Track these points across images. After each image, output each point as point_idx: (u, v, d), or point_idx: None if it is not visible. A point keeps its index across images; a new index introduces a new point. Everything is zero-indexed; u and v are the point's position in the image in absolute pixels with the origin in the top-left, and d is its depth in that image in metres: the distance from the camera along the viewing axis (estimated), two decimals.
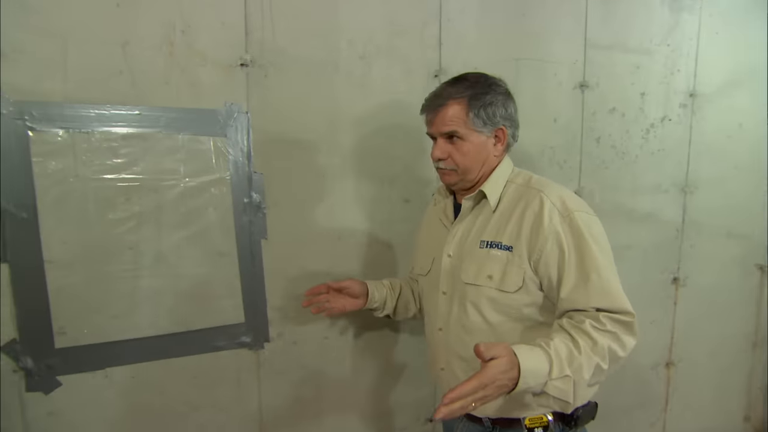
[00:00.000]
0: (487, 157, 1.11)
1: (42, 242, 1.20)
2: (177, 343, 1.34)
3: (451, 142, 1.10)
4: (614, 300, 0.99)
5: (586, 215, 1.05)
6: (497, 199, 1.12)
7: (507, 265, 1.06)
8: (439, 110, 1.09)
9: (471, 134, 1.09)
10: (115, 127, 1.24)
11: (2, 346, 1.19)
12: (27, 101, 1.16)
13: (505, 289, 1.06)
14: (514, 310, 1.07)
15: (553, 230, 1.02)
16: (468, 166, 1.11)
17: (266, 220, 1.40)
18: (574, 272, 1.01)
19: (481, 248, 1.10)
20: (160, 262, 1.30)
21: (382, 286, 1.36)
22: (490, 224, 1.11)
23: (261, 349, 1.44)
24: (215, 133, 1.33)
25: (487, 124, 1.08)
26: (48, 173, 1.19)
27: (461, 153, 1.10)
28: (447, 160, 1.11)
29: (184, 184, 1.31)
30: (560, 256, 1.02)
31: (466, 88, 1.08)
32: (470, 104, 1.07)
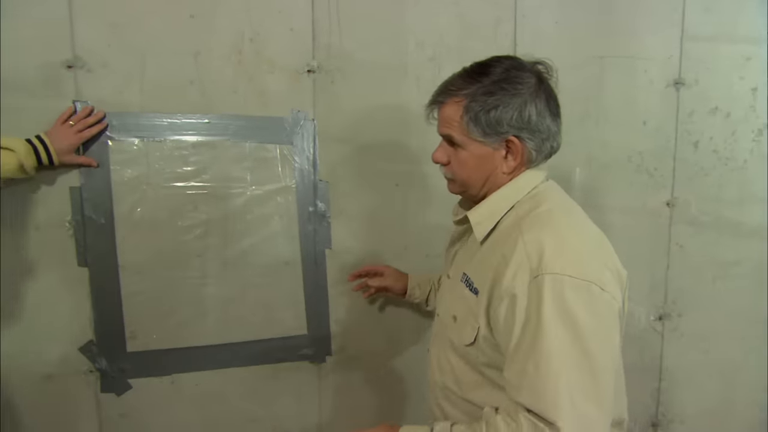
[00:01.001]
0: (492, 173, 0.90)
1: (117, 248, 1.28)
2: (239, 353, 1.38)
3: (453, 147, 0.92)
4: (544, 405, 0.75)
5: (570, 281, 0.77)
6: (487, 229, 0.90)
7: (468, 312, 0.90)
8: (440, 107, 0.92)
9: (469, 143, 0.88)
10: (186, 135, 1.31)
11: (80, 347, 1.28)
12: (108, 112, 1.25)
13: (461, 339, 0.91)
14: (473, 365, 0.92)
15: (510, 291, 0.80)
16: (465, 178, 0.92)
17: (331, 229, 1.41)
18: (513, 352, 0.80)
19: (460, 281, 0.94)
20: (225, 270, 1.35)
21: (427, 282, 1.32)
22: (476, 256, 0.93)
23: (323, 362, 1.45)
24: (281, 141, 1.36)
25: (489, 134, 0.86)
26: (124, 181, 1.28)
27: (459, 162, 0.91)
28: (447, 167, 0.94)
29: (250, 192, 1.35)
30: (506, 326, 0.81)
31: (470, 83, 0.87)
32: (468, 106, 0.86)
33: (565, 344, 0.76)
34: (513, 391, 0.80)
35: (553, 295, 0.77)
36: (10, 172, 1.12)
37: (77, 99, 1.23)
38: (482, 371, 0.90)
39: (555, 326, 0.76)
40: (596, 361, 0.77)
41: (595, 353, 0.76)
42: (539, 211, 0.87)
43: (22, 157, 1.12)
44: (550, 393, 0.75)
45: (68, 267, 1.26)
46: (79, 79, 1.23)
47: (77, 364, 1.28)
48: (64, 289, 1.26)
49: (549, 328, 0.76)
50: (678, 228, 1.61)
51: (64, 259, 1.25)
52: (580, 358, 0.76)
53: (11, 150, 1.12)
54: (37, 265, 1.24)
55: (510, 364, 0.81)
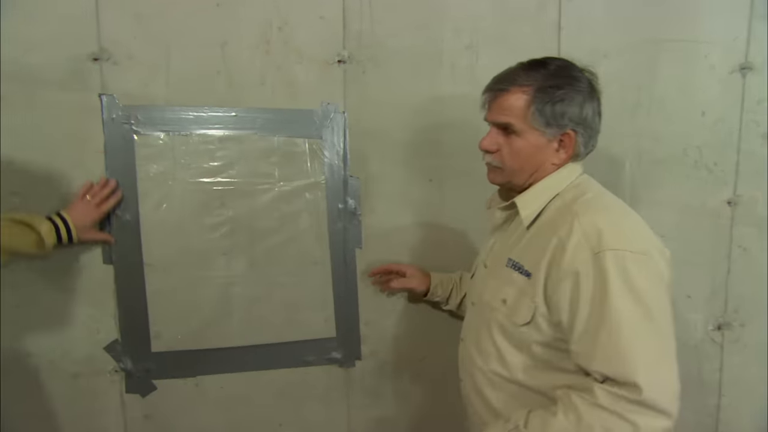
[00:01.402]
0: (542, 164, 0.97)
1: (143, 245, 1.26)
2: (266, 355, 1.35)
3: (505, 135, 0.97)
4: (621, 367, 0.81)
5: (631, 255, 0.85)
6: (533, 214, 0.96)
7: (521, 294, 0.94)
8: (500, 95, 0.96)
9: (528, 132, 0.94)
10: (213, 129, 1.28)
11: (105, 346, 1.27)
12: (133, 105, 1.23)
13: (514, 319, 0.95)
14: (525, 345, 0.95)
15: (572, 269, 0.86)
16: (516, 167, 0.97)
17: (361, 227, 1.36)
18: (583, 323, 0.86)
19: (506, 266, 0.99)
20: (251, 269, 1.32)
21: (449, 281, 1.32)
22: (522, 242, 0.98)
23: (352, 366, 1.40)
24: (311, 135, 1.32)
25: (551, 125, 0.93)
26: (150, 176, 1.26)
27: (512, 151, 0.96)
28: (495, 155, 0.98)
29: (278, 188, 1.31)
30: (573, 300, 0.87)
31: (538, 75, 0.93)
32: (536, 96, 0.92)
33: (633, 311, 0.82)
34: (585, 360, 0.85)
35: (617, 269, 0.83)
36: (27, 249, 1.10)
37: (103, 92, 1.21)
38: (533, 351, 0.94)
39: (622, 296, 0.83)
40: (661, 325, 0.84)
41: (659, 318, 0.84)
42: (587, 198, 0.94)
43: (43, 235, 1.10)
44: (625, 356, 0.81)
45: (93, 265, 1.25)
46: (105, 71, 1.21)
47: (103, 364, 1.27)
48: (89, 286, 1.25)
49: (617, 298, 0.82)
50: (741, 229, 1.48)
51: (89, 256, 1.24)
52: (648, 323, 0.83)
53: (32, 227, 1.10)
54: (63, 262, 1.23)
55: (581, 336, 0.86)
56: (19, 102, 1.18)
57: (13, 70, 1.17)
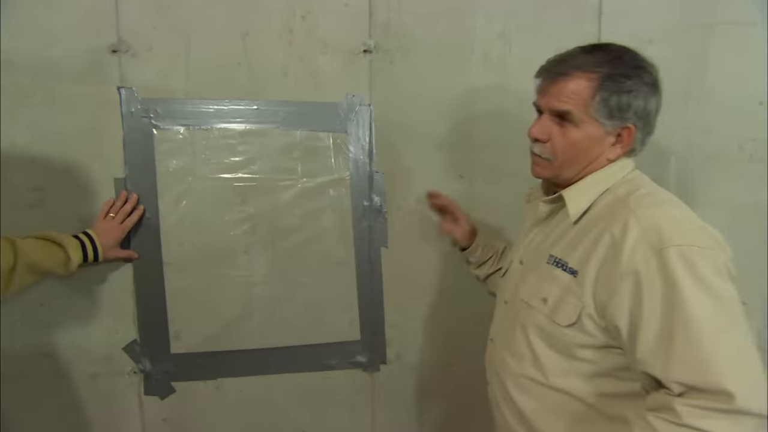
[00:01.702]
0: (597, 158, 0.89)
1: (162, 242, 1.23)
2: (288, 358, 1.31)
3: (559, 124, 0.88)
4: (707, 374, 0.72)
5: (699, 250, 0.77)
6: (582, 209, 0.89)
7: (565, 292, 0.87)
8: (559, 79, 0.87)
9: (587, 123, 0.86)
10: (233, 123, 1.24)
11: (124, 346, 1.24)
12: (152, 98, 1.20)
13: (556, 319, 0.87)
14: (565, 347, 0.88)
15: (632, 269, 0.78)
16: (568, 160, 0.90)
17: (387, 225, 1.31)
18: (653, 328, 0.77)
19: (547, 263, 0.92)
20: (273, 269, 1.27)
21: (491, 248, 1.24)
22: (567, 237, 0.91)
23: (377, 371, 1.35)
24: (335, 129, 1.27)
25: (614, 117, 0.86)
26: (169, 171, 1.22)
27: (566, 142, 0.88)
28: (546, 145, 0.90)
29: (301, 184, 1.27)
30: (635, 303, 0.78)
31: (604, 61, 0.85)
32: (603, 85, 0.84)
33: (710, 310, 0.75)
34: (659, 370, 0.76)
35: (685, 265, 0.76)
36: (55, 267, 1.08)
37: (122, 85, 1.18)
38: (575, 355, 0.87)
39: (696, 294, 0.75)
40: (741, 323, 0.76)
41: (738, 316, 0.77)
42: (641, 193, 0.87)
43: (71, 253, 1.09)
44: (710, 361, 0.73)
45: (112, 263, 1.21)
46: (124, 64, 1.18)
47: (121, 364, 1.25)
48: (108, 285, 1.22)
49: (690, 297, 0.75)
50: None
51: None
52: (728, 321, 0.75)
53: (60, 245, 1.08)
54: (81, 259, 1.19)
55: (651, 343, 0.77)
56: (38, 96, 1.15)
57: (33, 64, 1.15)
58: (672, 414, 0.73)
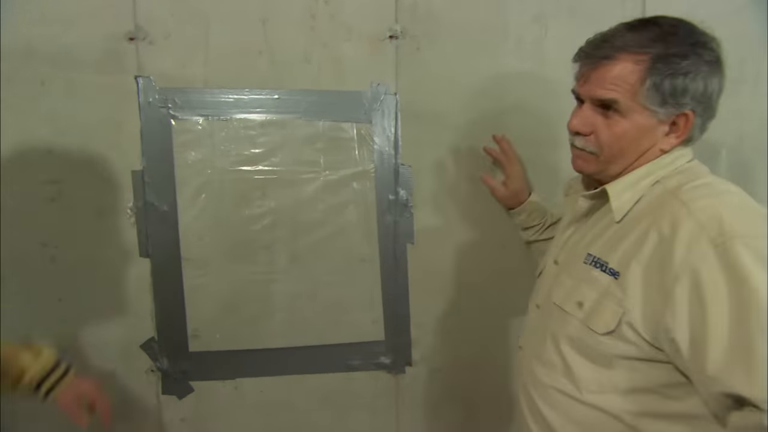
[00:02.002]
0: (648, 149, 0.80)
1: (180, 237, 1.19)
2: (309, 359, 1.26)
3: (603, 115, 0.79)
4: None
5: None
6: (628, 206, 0.80)
7: (604, 296, 0.78)
8: (602, 64, 0.77)
9: (636, 111, 0.76)
10: (254, 113, 1.19)
11: (142, 344, 1.21)
12: (170, 88, 1.16)
13: (591, 326, 0.78)
14: (602, 358, 0.78)
15: (688, 266, 0.68)
16: (615, 154, 0.80)
17: (414, 221, 1.25)
18: (723, 337, 0.66)
19: (584, 263, 0.83)
20: (294, 265, 1.23)
21: (540, 214, 1.18)
22: (606, 235, 0.82)
23: (401, 373, 1.29)
24: (359, 119, 1.21)
25: (667, 104, 0.75)
26: (188, 164, 1.18)
27: (612, 134, 0.79)
28: (588, 138, 0.81)
29: (323, 177, 1.21)
30: (695, 309, 0.68)
31: (655, 39, 0.74)
32: (653, 68, 0.74)
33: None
34: (738, 385, 0.65)
35: (755, 259, 0.66)
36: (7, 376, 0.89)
37: (139, 74, 1.14)
38: (612, 366, 0.77)
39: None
40: None
41: None
42: (697, 184, 0.77)
43: (41, 362, 0.92)
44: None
45: (130, 257, 1.19)
46: (141, 52, 1.14)
47: (139, 363, 1.22)
48: (125, 280, 1.19)
49: (763, 295, 0.64)
50: None
51: (125, 248, 1.18)
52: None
53: (36, 353, 0.93)
54: (99, 253, 1.18)
55: (720, 353, 0.66)
56: (57, 86, 1.12)
57: (51, 52, 1.11)
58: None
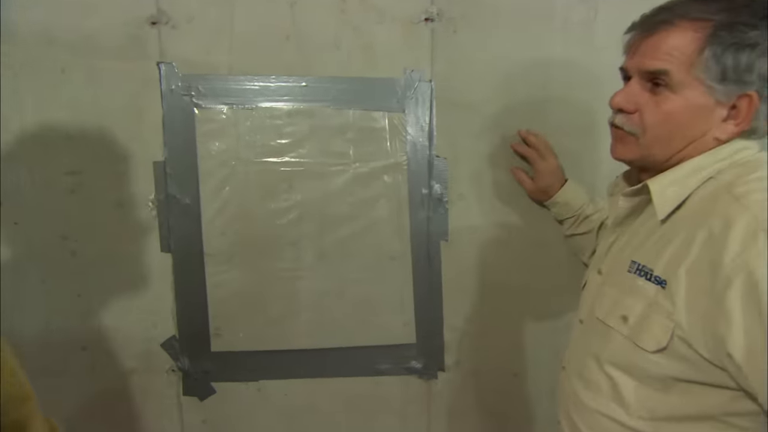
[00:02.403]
0: (700, 137, 0.69)
1: (203, 232, 1.14)
2: (336, 361, 1.20)
3: (652, 91, 0.70)
4: None
5: None
6: (673, 201, 0.70)
7: (651, 308, 0.69)
8: (659, 30, 0.68)
9: (690, 86, 0.67)
10: (280, 101, 1.13)
11: (162, 342, 1.16)
12: (194, 75, 1.11)
13: (640, 343, 0.69)
14: (654, 380, 0.69)
15: (743, 266, 0.59)
16: (660, 136, 0.70)
17: (448, 217, 1.17)
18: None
19: (628, 272, 0.74)
20: (321, 263, 1.17)
21: (569, 209, 1.09)
22: (651, 239, 0.73)
23: (433, 378, 1.22)
24: (391, 108, 1.14)
25: (728, 80, 0.66)
26: (211, 155, 1.13)
27: (659, 112, 0.69)
28: (631, 117, 0.72)
29: (353, 170, 1.15)
30: (753, 317, 0.58)
31: (721, 7, 0.66)
32: (714, 35, 0.65)
33: None
34: None
35: None
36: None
37: (162, 60, 1.09)
38: (667, 390, 0.68)
39: None
40: None
41: None
42: (752, 177, 0.66)
43: None
44: None
45: (151, 252, 1.14)
46: (164, 37, 1.09)
47: (159, 362, 1.17)
48: (146, 277, 1.15)
49: None
50: None
51: (146, 243, 1.14)
52: None
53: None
54: (119, 248, 1.13)
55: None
56: (78, 73, 1.08)
57: (72, 39, 1.07)
58: None
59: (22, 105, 1.08)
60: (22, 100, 1.07)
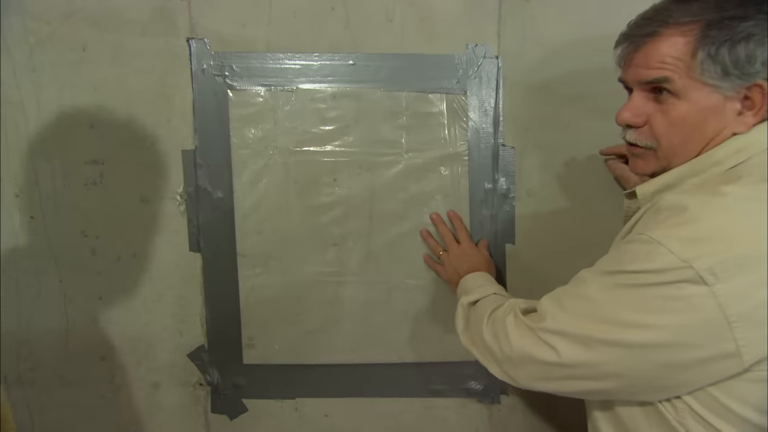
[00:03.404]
0: (718, 134, 0.66)
1: (237, 229, 1.03)
2: (383, 379, 1.07)
3: (656, 100, 0.68)
4: None
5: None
6: (643, 195, 0.72)
7: None
8: (645, 42, 0.67)
9: (695, 89, 0.65)
10: (324, 82, 1.00)
11: (190, 352, 1.05)
12: (227, 52, 0.99)
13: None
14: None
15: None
16: (676, 144, 0.68)
17: (515, 216, 1.03)
18: None
19: None
20: (368, 266, 1.04)
21: None
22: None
23: (495, 403, 1.07)
24: (450, 90, 1.00)
25: (731, 75, 0.63)
26: (247, 143, 1.01)
27: (669, 121, 0.67)
28: (642, 130, 0.70)
29: (405, 161, 1.02)
30: None
31: (704, 7, 0.64)
32: (704, 36, 0.63)
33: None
34: None
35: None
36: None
37: (192, 36, 0.98)
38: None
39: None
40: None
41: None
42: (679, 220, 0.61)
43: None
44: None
45: (178, 252, 1.03)
46: (194, 10, 0.98)
47: (185, 374, 1.06)
48: (172, 279, 1.04)
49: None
50: None
51: (173, 241, 1.03)
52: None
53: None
54: (143, 246, 1.03)
55: None
56: (100, 51, 0.98)
57: (94, 13, 0.97)
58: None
59: (39, 86, 0.99)
60: (39, 81, 0.99)
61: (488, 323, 0.75)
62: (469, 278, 0.91)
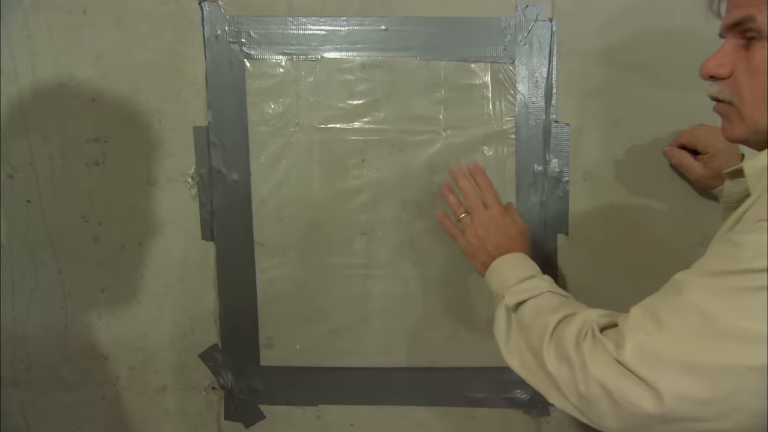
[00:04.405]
0: None
1: (254, 216, 0.93)
2: (416, 385, 0.97)
3: (745, 47, 0.59)
4: None
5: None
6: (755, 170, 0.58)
7: None
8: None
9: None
10: (352, 51, 0.90)
11: (201, 352, 0.95)
12: (244, 17, 0.89)
13: None
14: None
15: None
16: (758, 98, 0.57)
17: (569, 202, 0.92)
18: None
19: None
20: (399, 258, 0.94)
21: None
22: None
23: (544, 415, 0.96)
24: (496, 58, 0.89)
25: None
26: (265, 119, 0.92)
27: (750, 69, 0.57)
28: (724, 83, 0.60)
29: (443, 140, 0.92)
30: None
31: None
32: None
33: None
34: None
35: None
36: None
37: None
38: None
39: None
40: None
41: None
42: None
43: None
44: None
45: (189, 240, 0.94)
46: None
47: (196, 377, 0.97)
48: (182, 270, 0.94)
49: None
50: None
51: (184, 228, 0.94)
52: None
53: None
54: (150, 235, 0.94)
55: None
56: (102, 15, 0.89)
57: None
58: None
59: (34, 55, 0.89)
60: (34, 48, 0.89)
61: (551, 343, 0.60)
62: (504, 263, 0.74)
